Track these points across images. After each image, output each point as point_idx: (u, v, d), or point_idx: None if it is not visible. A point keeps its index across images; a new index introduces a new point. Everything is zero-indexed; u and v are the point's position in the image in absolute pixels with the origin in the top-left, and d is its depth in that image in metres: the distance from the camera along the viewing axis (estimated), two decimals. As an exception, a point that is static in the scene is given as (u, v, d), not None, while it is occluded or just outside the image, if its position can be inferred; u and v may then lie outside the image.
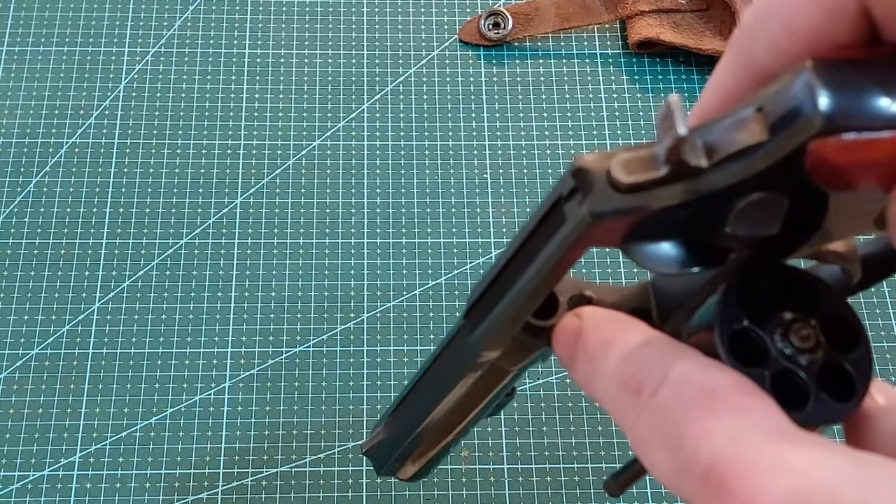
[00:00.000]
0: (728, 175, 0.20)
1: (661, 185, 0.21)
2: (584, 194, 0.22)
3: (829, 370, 0.22)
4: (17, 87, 0.56)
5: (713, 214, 0.21)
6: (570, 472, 0.47)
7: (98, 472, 0.46)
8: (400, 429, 0.35)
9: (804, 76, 0.19)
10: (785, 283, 0.23)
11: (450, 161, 0.55)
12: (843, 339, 0.22)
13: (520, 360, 0.30)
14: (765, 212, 0.21)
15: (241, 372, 0.49)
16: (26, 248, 0.51)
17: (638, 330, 0.23)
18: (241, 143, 0.55)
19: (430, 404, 0.33)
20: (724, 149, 0.20)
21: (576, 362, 0.25)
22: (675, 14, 0.58)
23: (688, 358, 0.21)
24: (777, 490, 0.17)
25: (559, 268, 0.24)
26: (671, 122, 0.20)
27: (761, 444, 0.18)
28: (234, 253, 0.52)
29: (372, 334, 0.50)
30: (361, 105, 0.56)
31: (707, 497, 0.19)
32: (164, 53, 0.57)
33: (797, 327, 0.22)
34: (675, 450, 0.20)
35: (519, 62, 0.58)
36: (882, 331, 0.51)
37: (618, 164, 0.21)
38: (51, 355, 0.49)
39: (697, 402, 0.20)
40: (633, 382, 0.22)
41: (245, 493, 0.46)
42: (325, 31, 0.59)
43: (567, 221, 0.23)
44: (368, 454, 0.38)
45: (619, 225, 0.22)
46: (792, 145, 0.19)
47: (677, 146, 0.20)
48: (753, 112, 0.20)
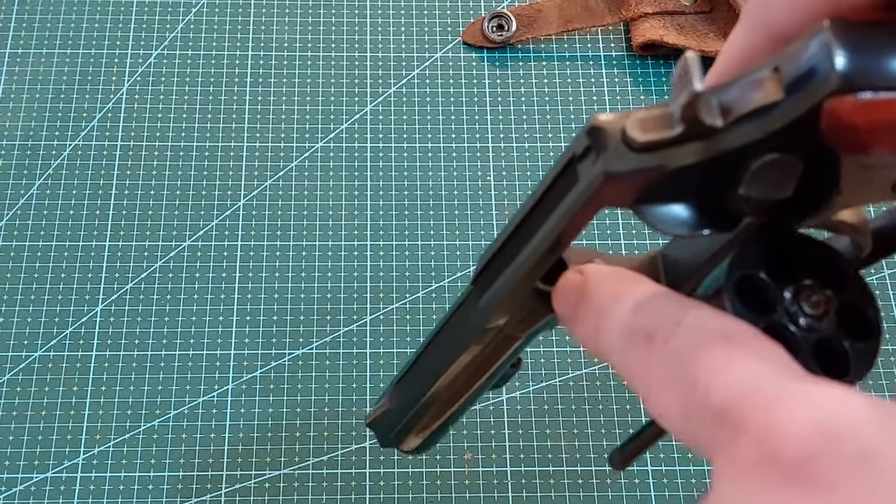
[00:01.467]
0: (743, 134, 0.20)
1: (676, 145, 0.21)
2: (599, 153, 0.22)
3: (829, 345, 0.22)
4: (21, 90, 0.56)
5: (727, 176, 0.21)
6: (572, 474, 0.47)
7: (101, 474, 0.46)
8: (405, 398, 0.35)
9: (822, 36, 0.19)
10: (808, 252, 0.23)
11: (453, 163, 0.55)
12: (856, 325, 0.22)
13: (527, 327, 0.29)
14: (779, 173, 0.20)
15: (245, 374, 0.49)
16: (30, 250, 0.51)
17: (647, 283, 0.23)
18: (245, 146, 0.55)
19: (437, 372, 0.32)
20: (739, 108, 0.20)
21: (579, 317, 0.24)
22: (678, 16, 0.58)
23: (701, 307, 0.21)
24: (794, 422, 0.17)
25: (571, 227, 0.23)
26: (687, 78, 0.20)
27: (778, 382, 0.18)
28: (238, 255, 0.52)
29: (375, 336, 0.50)
30: (365, 107, 0.56)
31: (719, 436, 0.18)
32: (167, 56, 0.57)
33: (809, 293, 0.22)
34: (687, 390, 0.19)
35: (522, 64, 0.58)
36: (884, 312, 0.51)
37: (633, 123, 0.21)
38: (54, 357, 0.49)
39: (714, 344, 0.20)
40: (645, 331, 0.21)
41: (248, 495, 0.46)
42: (329, 34, 0.59)
43: (580, 180, 0.22)
44: (372, 425, 0.37)
45: (633, 185, 0.21)
46: (808, 104, 0.19)
47: (692, 103, 0.20)
48: (770, 72, 0.20)
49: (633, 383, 0.22)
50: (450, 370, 0.32)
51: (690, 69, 0.20)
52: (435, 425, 0.36)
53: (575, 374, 0.49)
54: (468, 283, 0.30)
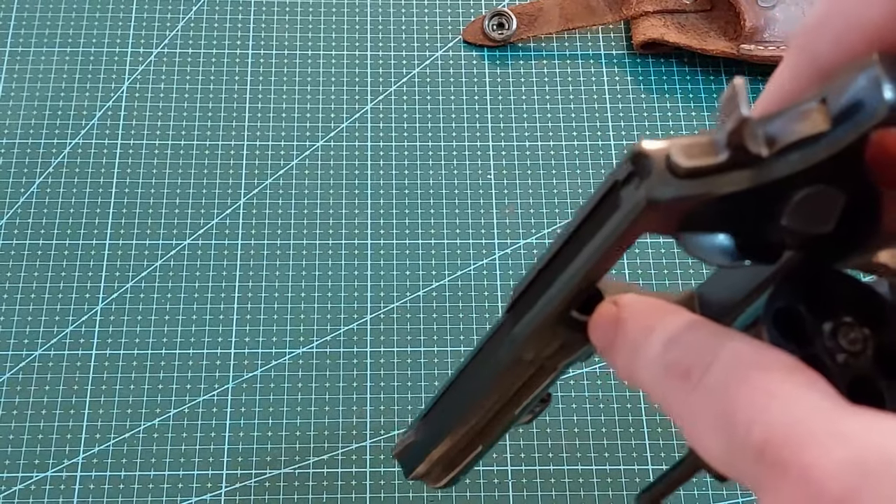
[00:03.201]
0: (788, 164, 0.20)
1: (721, 172, 0.21)
2: (642, 178, 0.21)
3: (864, 382, 0.22)
4: (21, 88, 0.56)
5: (770, 207, 0.21)
6: (572, 473, 0.47)
7: (101, 473, 0.46)
8: (433, 431, 0.34)
9: (872, 69, 0.19)
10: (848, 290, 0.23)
11: (454, 162, 0.55)
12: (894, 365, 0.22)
13: (561, 359, 0.29)
14: (822, 206, 0.20)
15: (245, 373, 0.49)
16: (30, 248, 0.51)
17: (681, 315, 0.23)
18: (245, 144, 0.55)
19: (466, 406, 0.32)
20: (785, 138, 0.20)
21: (615, 350, 0.24)
22: (679, 14, 0.57)
23: (737, 338, 0.21)
24: (833, 460, 0.17)
25: (611, 253, 0.23)
26: (734, 103, 0.20)
27: (816, 417, 0.18)
28: (238, 254, 0.52)
29: (376, 335, 0.50)
30: (365, 106, 0.56)
31: (763, 475, 0.18)
32: (167, 54, 0.57)
33: (847, 330, 0.22)
34: (728, 429, 0.19)
35: (523, 63, 0.58)
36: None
37: (678, 149, 0.21)
38: (54, 356, 0.49)
39: (751, 380, 0.20)
40: (681, 366, 0.21)
41: (248, 494, 0.46)
42: (329, 32, 0.58)
43: (622, 205, 0.22)
44: (399, 457, 0.37)
45: (676, 212, 0.21)
46: (855, 135, 0.19)
47: (739, 129, 0.20)
48: (817, 104, 0.20)
49: (675, 420, 0.22)
50: (480, 403, 0.31)
51: (738, 95, 0.20)
52: (463, 462, 0.35)
53: (575, 373, 0.49)
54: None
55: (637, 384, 0.24)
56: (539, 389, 0.31)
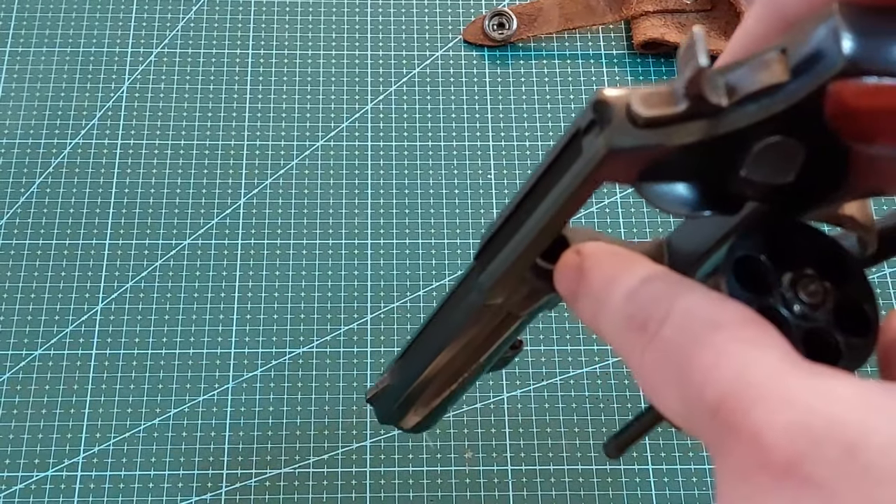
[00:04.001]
0: (747, 115, 0.20)
1: (681, 122, 0.20)
2: (603, 127, 0.21)
3: (821, 335, 0.21)
4: (21, 89, 0.56)
5: (730, 157, 0.21)
6: (573, 472, 0.47)
7: (102, 472, 0.46)
8: (406, 374, 0.35)
9: (830, 20, 0.19)
10: (811, 243, 0.22)
11: (454, 161, 0.55)
12: (852, 320, 0.22)
13: (528, 305, 0.29)
14: (781, 156, 0.20)
15: (245, 373, 0.49)
16: (30, 248, 0.51)
17: (641, 265, 0.23)
18: (245, 144, 0.55)
19: (437, 349, 0.32)
20: (744, 88, 0.20)
21: (579, 300, 0.24)
22: (679, 14, 0.57)
23: (692, 291, 0.21)
24: (779, 423, 0.17)
25: (572, 202, 0.23)
26: (693, 52, 0.20)
27: (766, 378, 0.18)
28: (238, 254, 0.52)
29: (376, 335, 0.50)
30: (365, 105, 0.56)
31: (717, 434, 0.19)
32: (167, 54, 0.57)
33: (807, 282, 0.22)
34: (683, 387, 0.19)
35: (523, 62, 0.58)
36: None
37: (638, 98, 0.21)
38: (54, 356, 0.49)
39: (703, 336, 0.19)
40: (639, 319, 0.21)
41: (248, 494, 0.46)
42: (329, 32, 0.58)
43: (583, 154, 0.22)
44: (372, 401, 0.37)
45: (636, 161, 0.21)
46: (813, 86, 0.19)
47: (697, 78, 0.20)
48: (777, 54, 0.20)
49: (632, 370, 0.22)
50: (450, 347, 0.32)
51: (697, 44, 0.20)
52: (434, 403, 0.36)
53: (575, 372, 0.49)
54: (472, 258, 0.29)
55: (600, 334, 0.23)
56: (507, 334, 0.31)
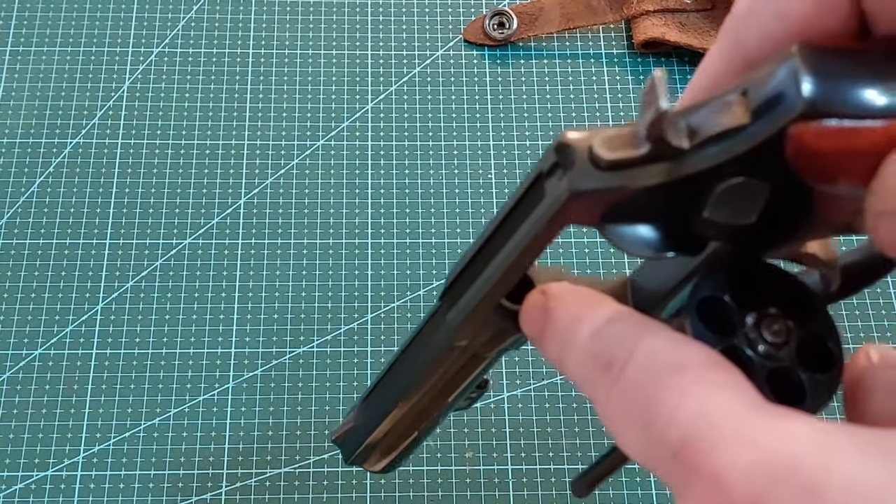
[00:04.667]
0: (709, 157, 0.20)
1: (643, 164, 0.21)
2: (565, 170, 0.21)
3: (785, 374, 0.22)
4: (21, 88, 0.56)
5: (693, 199, 0.21)
6: (573, 472, 0.47)
7: (102, 472, 0.46)
8: (371, 415, 0.34)
9: (790, 62, 0.19)
10: (774, 282, 0.23)
11: (454, 161, 0.55)
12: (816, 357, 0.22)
13: (494, 346, 0.29)
14: (743, 198, 0.20)
15: (245, 372, 0.49)
16: (30, 248, 0.51)
17: (606, 305, 0.23)
18: (245, 144, 0.55)
19: (403, 390, 0.32)
20: (705, 131, 0.20)
21: (545, 340, 0.24)
22: (680, 14, 0.57)
23: (656, 332, 0.21)
24: (739, 464, 0.17)
25: (536, 244, 0.23)
26: (654, 95, 0.20)
27: (727, 419, 0.18)
28: (238, 253, 0.52)
29: (376, 335, 0.50)
30: (366, 105, 0.56)
31: (679, 475, 0.19)
32: (167, 54, 0.57)
33: (771, 321, 0.22)
34: (646, 428, 0.19)
35: (524, 62, 0.58)
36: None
37: (600, 141, 0.21)
38: (55, 355, 0.49)
39: (665, 378, 0.20)
40: (603, 358, 0.21)
41: (249, 493, 0.46)
42: (329, 31, 0.58)
43: (546, 196, 0.22)
44: (337, 442, 0.37)
45: (599, 203, 0.21)
46: (773, 129, 0.19)
47: (658, 121, 0.20)
48: (737, 96, 0.20)
49: (597, 410, 0.22)
50: (416, 387, 0.32)
51: (657, 87, 0.20)
52: (401, 446, 0.36)
53: (576, 372, 0.49)
54: (438, 297, 0.29)
55: (566, 374, 0.23)
56: (474, 375, 0.31)
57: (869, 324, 0.51)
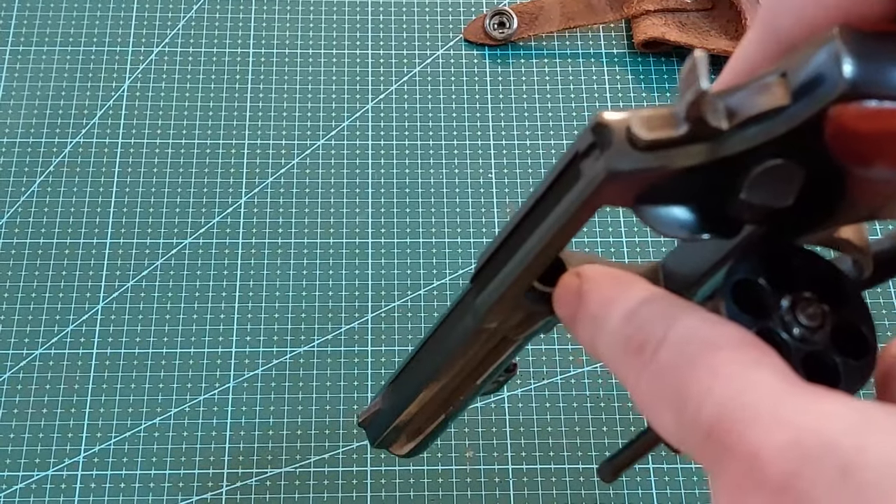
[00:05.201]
0: (747, 138, 0.20)
1: (681, 145, 0.20)
2: (602, 150, 0.21)
3: (820, 358, 0.21)
4: (22, 87, 0.56)
5: (730, 180, 0.21)
6: (573, 472, 0.47)
7: (102, 472, 0.46)
8: (398, 399, 0.34)
9: (831, 43, 0.19)
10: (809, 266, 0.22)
11: (455, 160, 0.55)
12: (850, 342, 0.22)
13: (524, 329, 0.29)
14: (781, 180, 0.20)
15: (246, 372, 0.49)
16: (30, 247, 0.51)
17: (639, 287, 0.23)
18: (246, 143, 0.55)
19: (431, 373, 0.32)
20: (745, 112, 0.20)
21: (578, 322, 0.24)
22: (680, 13, 0.57)
23: (690, 313, 0.21)
24: (774, 444, 0.17)
25: (571, 225, 0.23)
26: (694, 76, 0.20)
27: (762, 398, 0.18)
28: (239, 253, 0.52)
29: (377, 334, 0.50)
30: (366, 104, 0.56)
31: (713, 454, 0.19)
32: (168, 53, 0.57)
33: (806, 305, 0.22)
34: (678, 408, 0.19)
35: (524, 62, 0.58)
36: (888, 331, 0.51)
37: (638, 121, 0.21)
38: (55, 355, 0.49)
39: (699, 358, 0.20)
40: (636, 341, 0.21)
41: (249, 493, 0.46)
42: (330, 31, 0.58)
43: (582, 177, 0.22)
44: (363, 425, 0.37)
45: (635, 184, 0.21)
46: (813, 109, 0.19)
47: (698, 101, 0.20)
48: (777, 77, 0.20)
49: (630, 392, 0.22)
50: (444, 370, 0.31)
51: (698, 67, 0.19)
52: (428, 429, 0.35)
53: (576, 371, 0.49)
54: (469, 281, 0.29)
55: (598, 357, 0.23)
56: (503, 358, 0.31)
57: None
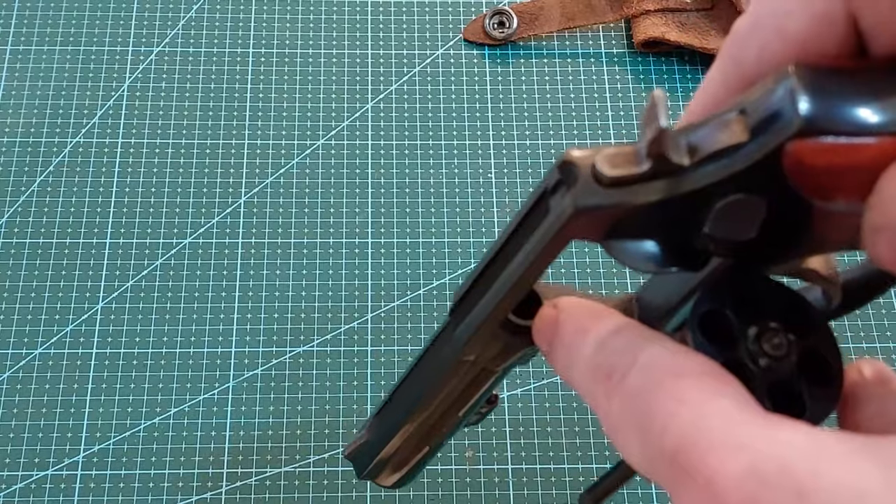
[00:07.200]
0: (708, 174, 0.20)
1: (644, 181, 0.21)
2: (569, 187, 0.22)
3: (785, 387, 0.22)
4: (22, 87, 0.56)
5: (694, 215, 0.21)
6: (573, 472, 0.47)
7: (102, 471, 0.46)
8: (383, 430, 0.35)
9: (787, 80, 0.19)
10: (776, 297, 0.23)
11: (454, 160, 0.55)
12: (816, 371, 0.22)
13: (502, 360, 0.30)
14: (743, 214, 0.21)
15: (245, 372, 0.49)
16: (30, 247, 0.51)
17: (611, 318, 0.23)
18: (245, 143, 0.55)
19: (414, 404, 0.33)
20: (705, 148, 0.21)
21: (554, 351, 0.25)
22: (680, 13, 0.57)
23: (657, 343, 0.21)
24: (733, 469, 0.18)
25: (542, 259, 0.24)
26: (654, 114, 0.20)
27: (722, 424, 0.19)
28: (238, 252, 0.52)
29: (376, 334, 0.50)
30: (366, 104, 0.56)
31: (675, 480, 0.19)
32: (168, 53, 0.57)
33: (772, 335, 0.22)
34: (644, 434, 0.20)
35: (524, 61, 0.58)
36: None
37: (603, 158, 0.21)
38: (55, 355, 0.49)
39: (665, 386, 0.20)
40: (605, 368, 0.22)
41: (248, 493, 0.46)
42: (330, 31, 0.58)
43: (550, 213, 0.23)
44: (350, 457, 0.37)
45: (602, 219, 0.22)
46: (771, 146, 0.19)
47: (659, 139, 0.20)
48: (736, 114, 0.20)
49: (600, 420, 0.22)
50: (427, 402, 0.32)
51: (657, 105, 0.20)
52: (413, 461, 0.36)
53: (576, 372, 0.49)
54: (448, 313, 0.30)
55: (572, 385, 0.24)
56: (483, 390, 0.32)
57: (869, 323, 0.51)
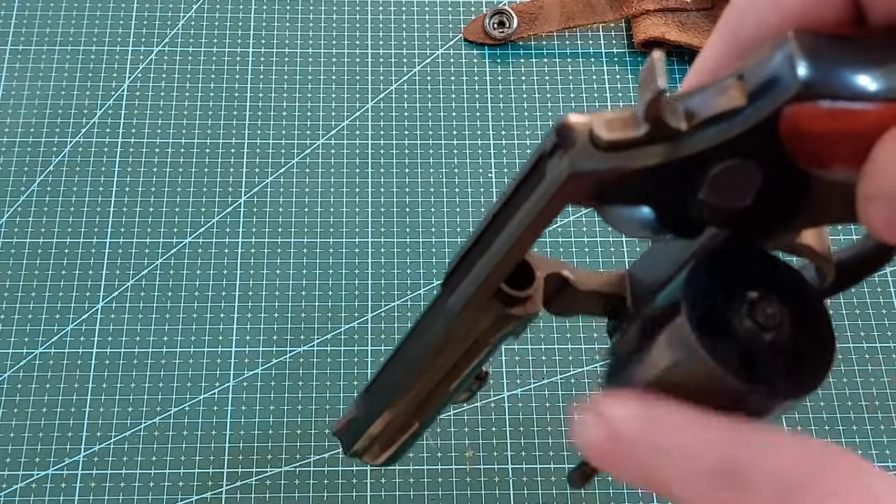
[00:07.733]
0: (705, 139, 0.21)
1: (641, 145, 0.21)
2: (566, 150, 0.22)
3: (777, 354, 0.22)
4: (22, 87, 0.56)
5: (690, 181, 0.21)
6: (574, 472, 0.47)
7: (102, 471, 0.46)
8: (371, 407, 0.34)
9: (787, 46, 0.20)
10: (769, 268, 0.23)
11: (454, 160, 0.55)
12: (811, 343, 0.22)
13: (494, 333, 0.29)
14: (738, 180, 0.21)
15: (246, 371, 0.49)
16: (30, 246, 0.51)
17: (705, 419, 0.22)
18: (245, 143, 0.55)
19: (404, 379, 0.32)
20: (703, 113, 0.21)
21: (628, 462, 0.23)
22: (680, 13, 0.57)
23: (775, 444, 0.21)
24: None
25: (537, 224, 0.24)
26: (652, 76, 0.20)
27: None
28: (238, 252, 0.52)
29: (376, 334, 0.50)
30: (366, 104, 0.56)
31: None
32: (167, 52, 0.57)
33: (765, 305, 0.22)
34: None
35: (524, 61, 0.58)
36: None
37: (600, 122, 0.21)
38: (55, 354, 0.49)
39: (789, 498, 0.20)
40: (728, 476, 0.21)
41: (249, 492, 0.46)
42: (330, 30, 0.58)
43: (547, 176, 0.23)
44: (338, 434, 0.37)
45: (598, 183, 0.22)
46: (769, 109, 0.20)
47: (656, 102, 0.20)
48: (734, 80, 0.21)
49: None
50: (416, 376, 0.32)
51: (656, 67, 0.20)
52: (401, 439, 0.36)
53: (576, 371, 0.49)
54: (440, 284, 0.29)
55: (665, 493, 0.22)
56: (474, 364, 0.31)
57: (869, 323, 0.51)
